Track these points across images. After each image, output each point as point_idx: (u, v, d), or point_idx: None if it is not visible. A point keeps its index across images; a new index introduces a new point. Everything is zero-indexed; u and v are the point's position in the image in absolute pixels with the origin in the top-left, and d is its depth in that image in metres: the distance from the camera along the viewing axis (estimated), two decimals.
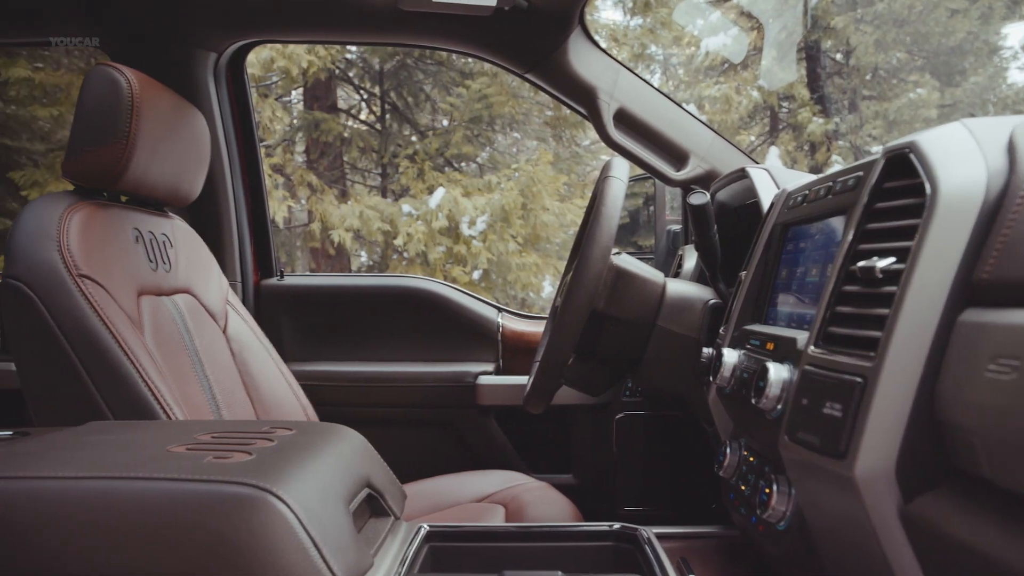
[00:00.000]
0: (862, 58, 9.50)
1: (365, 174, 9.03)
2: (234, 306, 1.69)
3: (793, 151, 9.81)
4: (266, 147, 7.55)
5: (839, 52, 10.11)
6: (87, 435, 0.93)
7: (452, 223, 7.08)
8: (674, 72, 11.80)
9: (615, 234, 1.25)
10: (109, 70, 1.31)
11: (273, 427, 0.94)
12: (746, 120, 10.49)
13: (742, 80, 10.18)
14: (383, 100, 8.45)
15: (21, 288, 1.18)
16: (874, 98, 9.89)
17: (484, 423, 2.06)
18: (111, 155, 1.30)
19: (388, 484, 0.98)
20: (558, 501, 1.61)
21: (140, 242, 1.42)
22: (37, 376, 1.21)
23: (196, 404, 1.38)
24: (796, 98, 9.78)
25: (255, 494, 0.69)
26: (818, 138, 9.40)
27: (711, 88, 9.90)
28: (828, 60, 10.09)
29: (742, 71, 10.30)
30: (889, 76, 10.09)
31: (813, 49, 9.81)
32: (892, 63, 10.03)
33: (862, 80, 9.93)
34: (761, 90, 9.97)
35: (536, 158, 7.56)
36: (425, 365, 2.11)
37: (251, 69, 6.59)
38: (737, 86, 9.96)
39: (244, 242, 2.12)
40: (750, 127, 10.77)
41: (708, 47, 10.13)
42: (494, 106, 7.87)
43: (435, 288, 2.15)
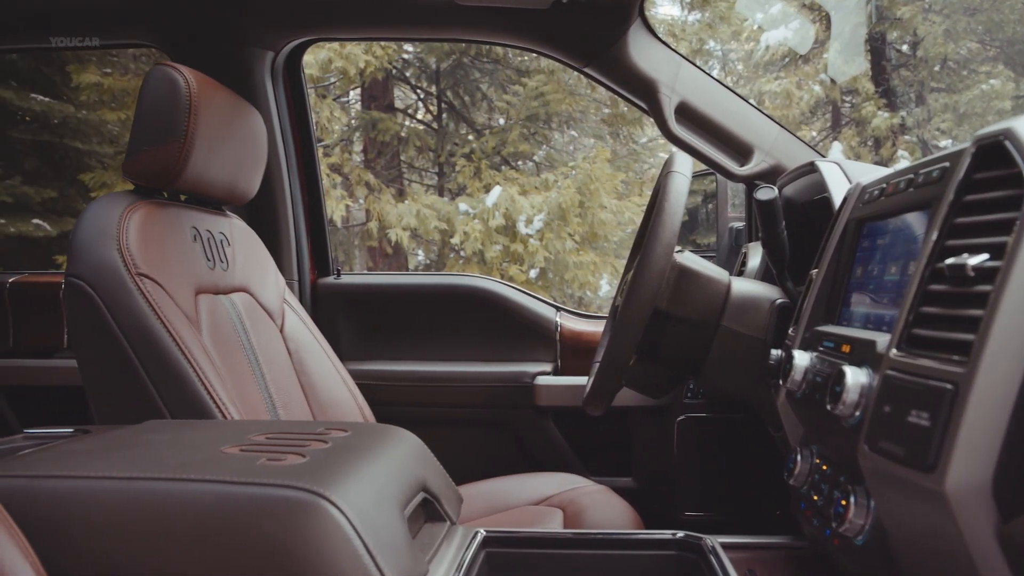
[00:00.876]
0: (930, 49, 9.22)
1: (422, 173, 9.07)
2: (291, 305, 1.69)
3: (856, 147, 9.56)
4: (324, 147, 7.64)
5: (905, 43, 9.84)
6: (144, 434, 0.92)
7: (509, 221, 7.06)
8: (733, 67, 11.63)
9: (678, 231, 1.20)
10: (168, 70, 1.32)
11: (328, 428, 0.93)
12: (807, 116, 10.26)
13: (803, 75, 9.96)
14: (440, 99, 8.47)
15: (82, 286, 1.19)
16: (943, 90, 9.59)
17: (542, 424, 2.03)
18: (169, 154, 1.30)
19: (444, 488, 0.95)
20: (617, 505, 1.57)
21: (198, 241, 1.42)
22: (98, 373, 1.22)
23: (252, 404, 1.38)
24: (860, 92, 9.53)
25: (308, 498, 0.67)
26: (883, 133, 9.14)
27: (771, 83, 9.71)
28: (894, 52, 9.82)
29: (803, 65, 10.08)
30: (959, 67, 9.77)
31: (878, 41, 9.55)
32: (962, 53, 9.71)
33: (930, 72, 9.63)
34: (823, 84, 9.74)
35: (593, 155, 7.50)
36: (482, 365, 2.08)
37: (309, 70, 6.68)
38: (798, 81, 9.75)
39: (301, 240, 2.12)
40: (811, 123, 10.54)
41: (768, 41, 9.94)
42: (551, 103, 7.82)
43: (493, 287, 2.13)
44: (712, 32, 9.14)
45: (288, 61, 2.03)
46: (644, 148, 9.84)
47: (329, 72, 7.25)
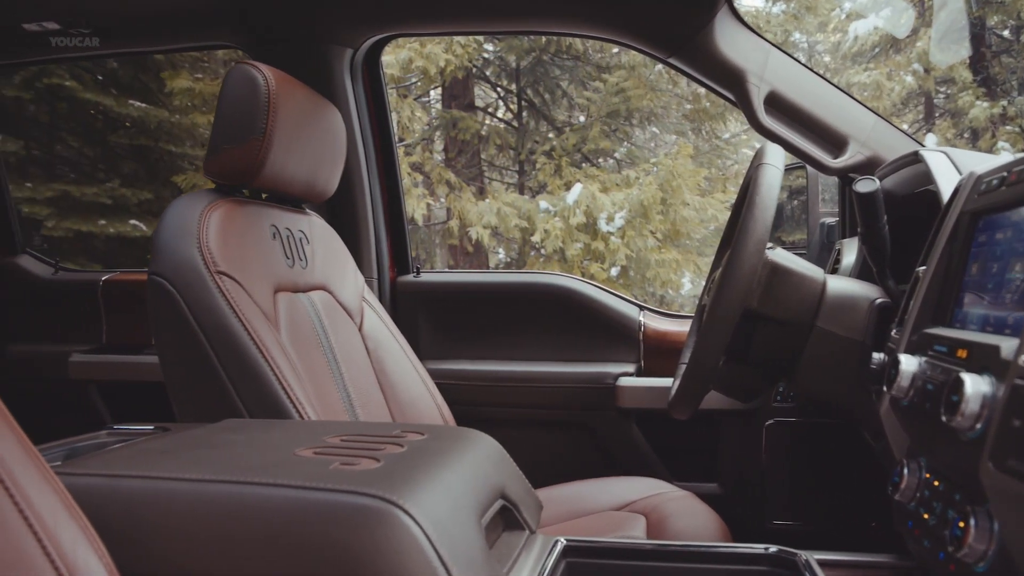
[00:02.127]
0: None
1: (502, 171, 9.09)
2: (370, 303, 1.67)
3: (952, 139, 9.13)
4: (405, 146, 7.71)
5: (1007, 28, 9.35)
6: (220, 433, 0.91)
7: (590, 219, 7.00)
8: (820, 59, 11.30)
9: (771, 226, 1.14)
10: (247, 68, 1.32)
11: (404, 431, 0.90)
12: (899, 107, 9.88)
13: (894, 65, 9.58)
14: (520, 97, 8.47)
15: (164, 284, 1.20)
16: None
17: (624, 427, 1.97)
18: (249, 152, 1.30)
19: (523, 495, 0.92)
20: (703, 512, 1.51)
21: (277, 239, 1.42)
22: (178, 371, 1.22)
23: (330, 403, 1.37)
24: (956, 81, 9.10)
25: (380, 506, 0.64)
26: (981, 123, 8.71)
27: (860, 74, 9.37)
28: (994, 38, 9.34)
29: (895, 55, 9.70)
30: None
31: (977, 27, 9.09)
32: None
33: None
34: (916, 74, 9.34)
35: (675, 151, 7.37)
36: (563, 365, 2.03)
37: (390, 70, 6.76)
38: (889, 71, 9.38)
39: (380, 238, 2.11)
40: (903, 114, 10.13)
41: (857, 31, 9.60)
42: (632, 100, 7.73)
43: (574, 285, 2.08)
44: (798, 23, 8.89)
45: (367, 58, 2.02)
46: (727, 144, 9.63)
47: (410, 72, 7.32)
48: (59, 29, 1.96)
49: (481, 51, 7.98)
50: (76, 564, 0.62)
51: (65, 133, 7.66)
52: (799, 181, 2.12)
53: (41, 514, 0.62)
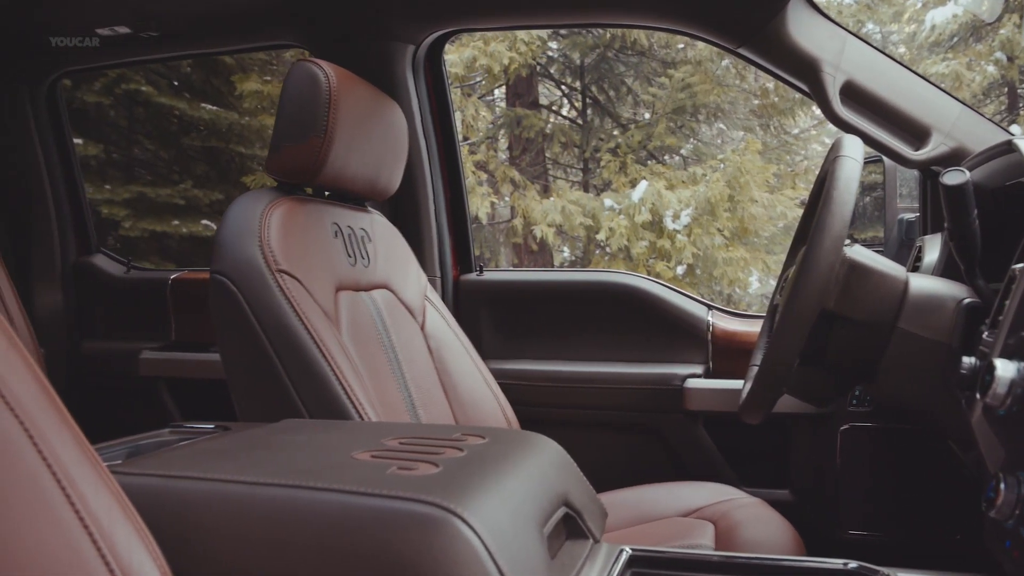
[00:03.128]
0: None
1: (567, 169, 9.04)
2: (433, 302, 1.66)
3: None
4: (469, 145, 7.73)
5: None
6: (279, 434, 0.90)
7: (655, 217, 6.90)
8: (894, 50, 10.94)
9: (849, 222, 1.08)
10: (308, 66, 1.31)
11: (465, 434, 0.87)
12: (979, 98, 9.48)
13: (975, 54, 9.20)
14: (584, 94, 8.41)
15: (225, 283, 1.20)
16: None
17: (691, 430, 1.91)
18: (310, 150, 1.29)
19: (588, 502, 0.88)
20: (774, 521, 1.45)
21: (339, 237, 1.41)
22: (239, 370, 1.22)
23: (392, 403, 1.35)
24: None
25: (438, 515, 0.62)
26: None
27: (938, 64, 9.02)
28: None
29: (975, 44, 9.32)
30: None
31: None
32: None
33: None
34: (998, 63, 8.96)
35: (743, 147, 7.22)
36: (628, 366, 1.99)
37: (454, 69, 6.78)
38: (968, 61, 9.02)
39: (443, 236, 2.10)
40: (984, 105, 9.73)
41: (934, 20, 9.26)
42: (698, 95, 7.60)
43: (640, 283, 2.03)
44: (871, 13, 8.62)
45: (429, 54, 2.01)
46: (796, 139, 9.40)
47: (474, 71, 7.33)
48: (130, 33, 2.00)
49: (545, 48, 7.95)
50: (130, 565, 0.62)
51: (142, 136, 7.89)
52: (872, 176, 2.04)
53: (96, 514, 0.62)
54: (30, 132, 2.38)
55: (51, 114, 2.44)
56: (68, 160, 2.48)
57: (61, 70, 2.34)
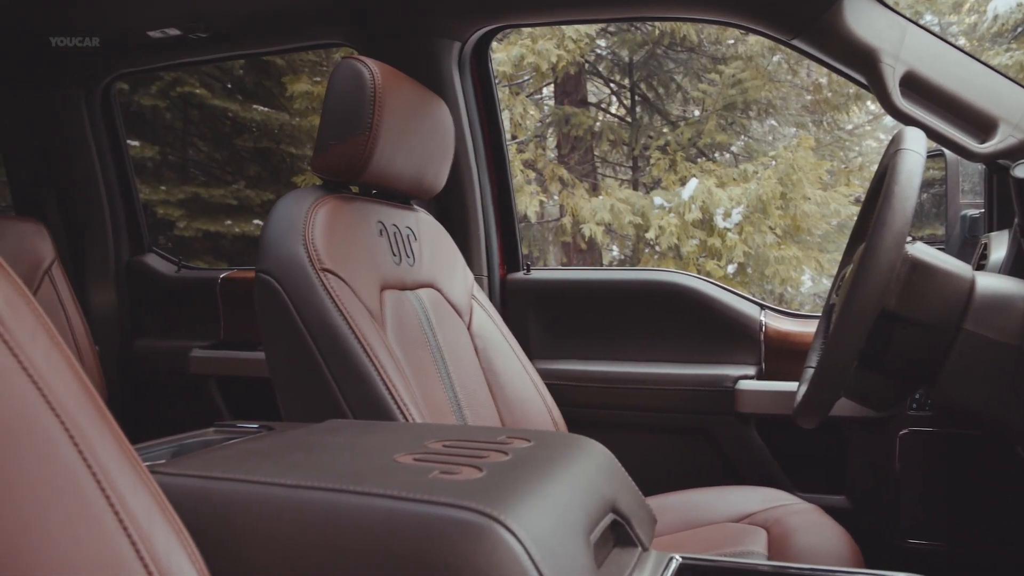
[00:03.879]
0: None
1: (616, 167, 8.97)
2: (479, 301, 1.64)
3: None
4: (518, 143, 7.71)
5: None
6: (321, 435, 0.89)
7: (706, 215, 6.81)
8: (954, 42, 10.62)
9: (911, 218, 1.03)
10: (353, 63, 1.31)
11: (509, 436, 0.85)
12: None
13: None
14: (633, 92, 8.33)
15: (270, 282, 1.20)
16: None
17: (743, 433, 1.86)
18: (355, 147, 1.29)
19: (636, 508, 0.85)
20: (829, 528, 1.40)
21: (384, 235, 1.40)
22: (284, 369, 1.22)
23: (437, 403, 1.34)
24: None
25: (480, 522, 0.60)
26: None
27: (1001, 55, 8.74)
28: None
29: None
30: None
31: None
32: None
33: None
34: None
35: (795, 144, 7.08)
36: (678, 366, 1.94)
37: (502, 67, 6.77)
38: None
39: (490, 234, 2.08)
40: None
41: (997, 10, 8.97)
42: (749, 91, 7.48)
43: (690, 282, 1.98)
44: (930, 4, 8.38)
45: (475, 51, 1.99)
46: (850, 135, 9.18)
47: (522, 70, 7.31)
48: (180, 35, 2.03)
49: (593, 46, 7.89)
50: (169, 567, 0.61)
51: (196, 138, 8.03)
52: (929, 172, 1.96)
53: (135, 515, 0.61)
54: (85, 134, 2.42)
55: (105, 116, 2.48)
56: (122, 161, 2.53)
57: (114, 73, 2.38)
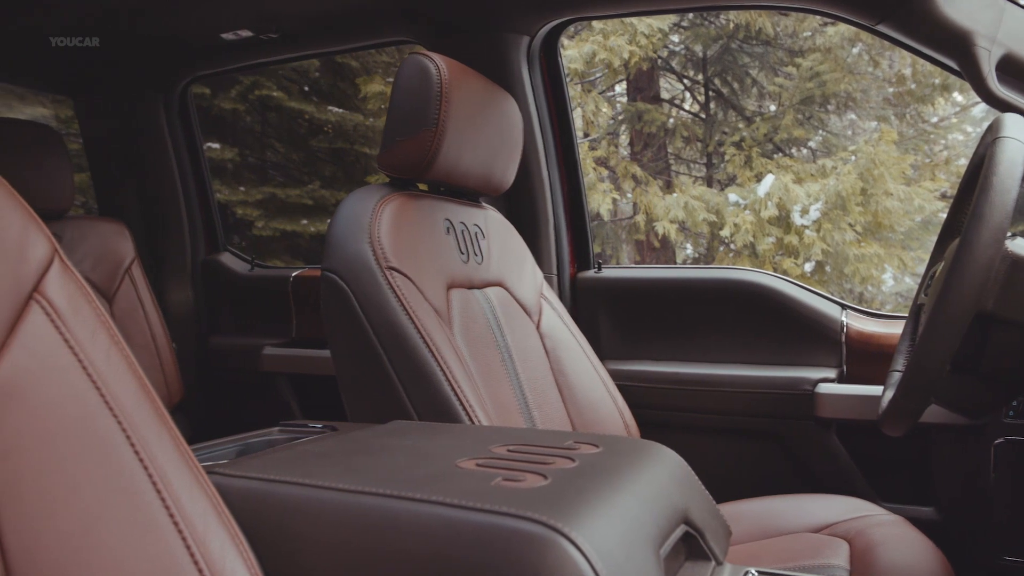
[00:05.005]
0: None
1: (690, 164, 8.83)
2: (549, 300, 1.61)
3: None
4: (590, 141, 7.65)
5: None
6: (384, 437, 0.88)
7: (782, 212, 6.64)
8: None
9: (1011, 212, 0.96)
10: (419, 58, 1.29)
11: (576, 441, 0.82)
12: None
13: None
14: (707, 87, 8.18)
15: (335, 280, 1.19)
16: None
17: (823, 438, 1.78)
18: (421, 144, 1.27)
19: (710, 519, 0.81)
20: (917, 541, 1.32)
21: (451, 233, 1.38)
22: (349, 368, 1.21)
23: (505, 404, 1.31)
24: None
25: (543, 533, 0.57)
26: None
27: None
28: None
29: None
30: None
31: None
32: None
33: None
34: None
35: (876, 138, 6.84)
36: (754, 368, 1.87)
37: (573, 64, 6.72)
38: None
39: (561, 232, 2.04)
40: None
41: None
42: (827, 84, 7.25)
43: (767, 281, 1.91)
44: None
45: (544, 45, 1.96)
46: (936, 128, 8.82)
47: (594, 67, 7.25)
48: (252, 36, 2.05)
49: (666, 41, 7.77)
50: (223, 572, 0.61)
51: (274, 140, 8.20)
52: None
53: (191, 518, 0.61)
54: (163, 137, 2.48)
55: (182, 119, 2.53)
56: (198, 163, 2.58)
57: (190, 76, 2.43)
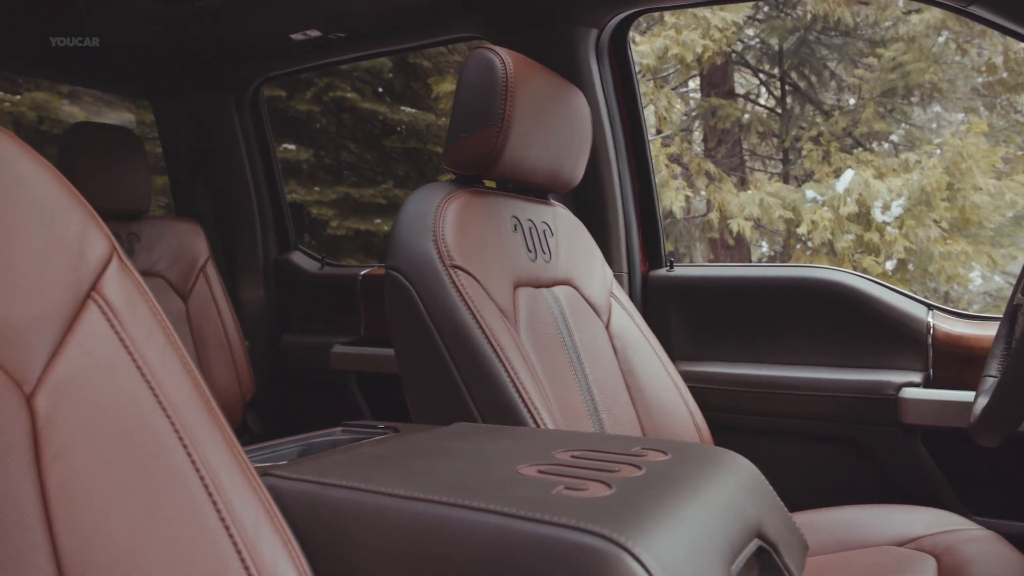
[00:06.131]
0: None
1: (765, 160, 8.64)
2: (619, 299, 1.57)
3: None
4: (663, 138, 7.55)
5: None
6: (446, 440, 0.86)
7: (863, 208, 6.43)
8: None
9: None
10: (484, 52, 1.27)
11: (644, 448, 0.78)
12: None
13: None
14: (783, 81, 7.98)
15: (399, 279, 1.18)
16: None
17: (907, 446, 1.69)
18: (486, 139, 1.25)
19: (785, 533, 0.76)
20: (1014, 560, 1.23)
21: (518, 230, 1.36)
22: (412, 367, 1.20)
23: (573, 406, 1.28)
24: None
25: (605, 548, 0.54)
26: None
27: None
28: None
29: None
30: None
31: None
32: None
33: None
34: None
35: (964, 130, 6.56)
36: (834, 371, 1.79)
37: (645, 60, 6.64)
38: None
39: (631, 230, 2.00)
40: None
41: None
42: (911, 75, 6.99)
43: (846, 279, 1.83)
44: None
45: (613, 38, 1.91)
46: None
47: (666, 62, 7.14)
48: (320, 36, 2.06)
49: (740, 35, 7.61)
50: (272, 573, 0.59)
51: (348, 140, 8.34)
52: None
53: (243, 523, 0.60)
54: (236, 137, 2.52)
55: (254, 119, 2.57)
56: (270, 163, 2.62)
57: (262, 77, 2.46)
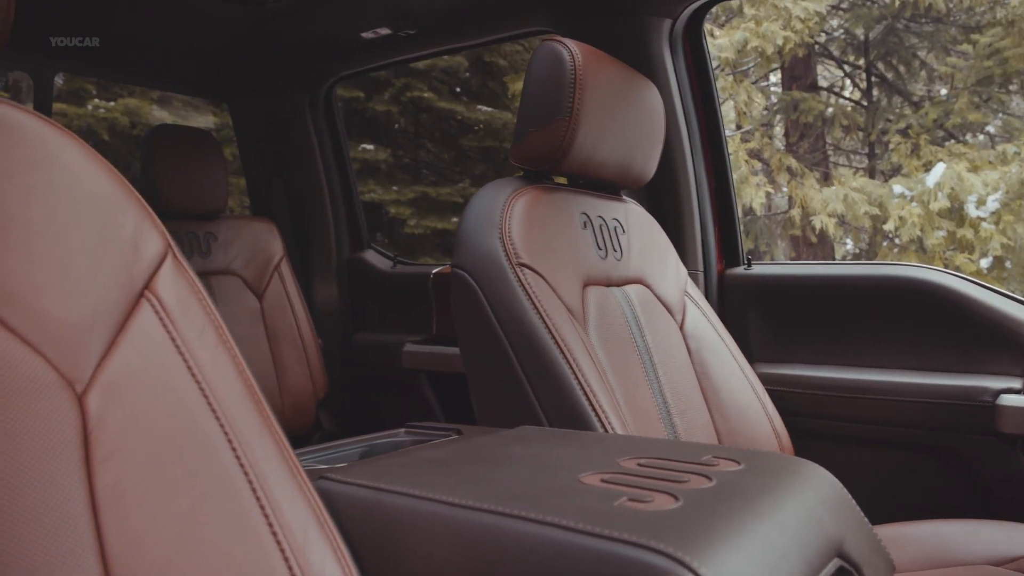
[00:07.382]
0: None
1: (850, 154, 8.37)
2: (693, 298, 1.52)
3: None
4: (743, 132, 7.39)
5: None
6: (509, 444, 0.83)
7: (955, 203, 6.16)
8: None
9: None
10: (553, 45, 1.24)
11: (716, 456, 0.74)
12: None
13: None
14: (869, 72, 7.71)
15: (465, 277, 1.16)
16: None
17: (1006, 456, 1.59)
18: (555, 134, 1.22)
19: (868, 552, 0.71)
20: None
21: (588, 228, 1.32)
22: (478, 368, 1.17)
23: (644, 409, 1.24)
24: None
25: (668, 567, 0.50)
26: None
27: None
28: None
29: None
30: None
31: None
32: None
33: None
34: None
35: None
36: (923, 375, 1.70)
37: (724, 53, 6.50)
38: None
39: (707, 227, 1.93)
40: None
41: None
42: (1009, 61, 6.66)
43: (937, 278, 1.72)
44: None
45: (687, 28, 1.85)
46: None
47: (746, 55, 6.98)
48: (390, 34, 2.06)
49: (823, 25, 7.38)
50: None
51: (426, 140, 8.42)
52: None
53: (291, 528, 0.58)
54: (309, 137, 2.55)
55: (327, 119, 2.60)
56: (343, 162, 2.64)
57: (334, 76, 2.48)
